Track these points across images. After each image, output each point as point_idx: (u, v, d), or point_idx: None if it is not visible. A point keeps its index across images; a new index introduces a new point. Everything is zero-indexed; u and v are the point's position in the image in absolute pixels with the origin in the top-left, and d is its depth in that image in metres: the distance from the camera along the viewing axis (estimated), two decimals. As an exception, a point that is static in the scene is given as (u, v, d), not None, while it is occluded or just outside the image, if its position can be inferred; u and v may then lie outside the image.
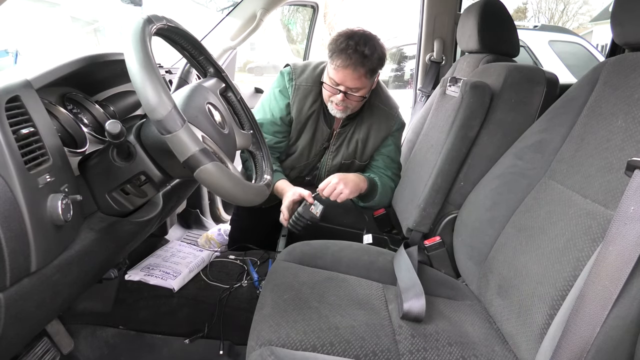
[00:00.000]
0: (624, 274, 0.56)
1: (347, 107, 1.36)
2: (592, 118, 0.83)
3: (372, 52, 1.25)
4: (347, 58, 1.24)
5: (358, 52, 1.24)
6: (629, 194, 0.57)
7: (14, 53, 2.52)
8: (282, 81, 1.44)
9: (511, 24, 1.43)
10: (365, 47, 1.24)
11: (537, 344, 0.71)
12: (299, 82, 1.41)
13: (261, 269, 1.37)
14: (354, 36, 1.26)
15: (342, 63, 1.25)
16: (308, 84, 1.41)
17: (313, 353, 0.75)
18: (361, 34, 1.27)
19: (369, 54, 1.25)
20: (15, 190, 0.56)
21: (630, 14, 0.77)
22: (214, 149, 0.71)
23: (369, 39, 1.27)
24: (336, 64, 1.27)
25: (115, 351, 1.18)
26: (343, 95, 1.31)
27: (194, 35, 0.84)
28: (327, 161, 1.52)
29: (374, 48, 1.26)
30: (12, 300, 0.57)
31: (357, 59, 1.24)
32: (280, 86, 1.43)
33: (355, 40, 1.25)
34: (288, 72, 1.43)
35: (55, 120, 0.76)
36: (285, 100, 1.42)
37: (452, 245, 1.14)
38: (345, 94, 1.31)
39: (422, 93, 2.10)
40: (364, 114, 1.44)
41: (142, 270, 1.28)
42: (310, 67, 1.43)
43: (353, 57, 1.24)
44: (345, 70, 1.26)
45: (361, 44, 1.24)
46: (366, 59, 1.25)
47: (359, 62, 1.25)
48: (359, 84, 1.29)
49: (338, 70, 1.28)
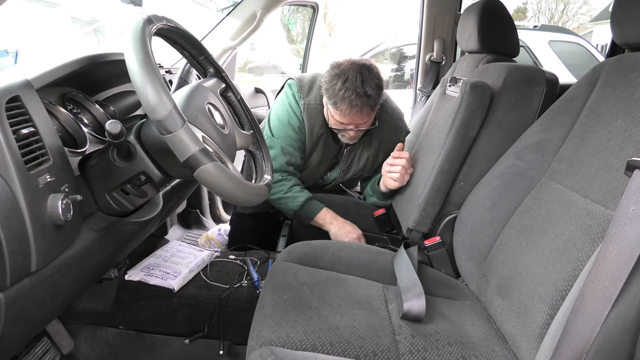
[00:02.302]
0: (623, 273, 0.56)
1: (356, 137, 1.38)
2: (592, 118, 0.83)
3: (372, 87, 1.23)
4: (351, 104, 1.22)
5: (359, 95, 1.21)
6: (628, 194, 0.57)
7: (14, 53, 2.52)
8: (292, 99, 1.40)
9: (511, 24, 1.43)
10: (365, 87, 1.21)
11: (537, 344, 0.71)
12: (307, 101, 1.38)
13: (261, 269, 1.37)
14: (348, 77, 1.22)
15: (347, 110, 1.24)
16: (317, 102, 1.39)
17: (313, 353, 0.75)
18: (354, 70, 1.23)
19: (370, 92, 1.23)
20: (15, 190, 0.56)
21: (630, 14, 0.77)
22: (214, 149, 0.71)
23: (364, 72, 1.23)
24: (341, 110, 1.25)
25: (115, 351, 1.18)
26: (354, 130, 1.32)
27: (194, 35, 0.84)
28: (339, 177, 1.53)
29: (371, 82, 1.23)
30: (12, 300, 0.57)
31: (361, 102, 1.23)
32: (292, 103, 1.40)
33: (352, 81, 1.21)
34: (295, 90, 1.40)
35: (55, 120, 0.76)
36: (299, 118, 1.40)
37: (452, 245, 1.14)
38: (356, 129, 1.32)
39: (422, 93, 2.10)
40: (373, 129, 1.42)
41: (142, 270, 1.28)
42: (317, 86, 1.39)
43: (357, 101, 1.22)
44: (352, 115, 1.26)
45: (359, 84, 1.21)
46: (369, 99, 1.24)
47: (364, 104, 1.23)
48: (367, 118, 1.30)
49: (344, 115, 1.27)
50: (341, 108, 1.25)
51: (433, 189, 1.14)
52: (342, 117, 1.28)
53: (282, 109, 1.41)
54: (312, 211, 1.39)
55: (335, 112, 1.29)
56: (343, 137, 1.39)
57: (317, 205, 1.40)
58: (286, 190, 1.39)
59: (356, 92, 1.21)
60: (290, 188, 1.39)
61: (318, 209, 1.39)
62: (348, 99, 1.22)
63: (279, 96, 1.47)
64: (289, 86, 1.42)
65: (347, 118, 1.28)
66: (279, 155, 1.38)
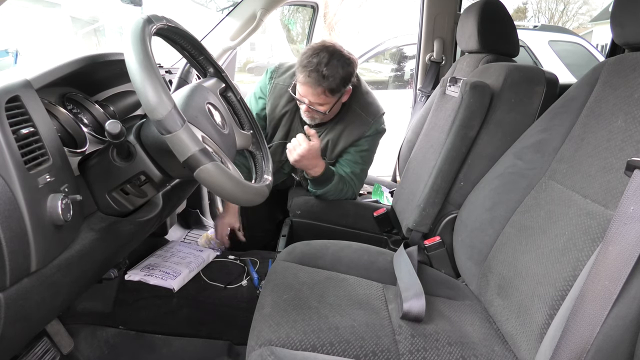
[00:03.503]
0: (623, 273, 0.56)
1: (313, 117, 1.40)
2: (592, 118, 0.83)
3: (332, 72, 1.27)
4: (306, 76, 1.28)
5: (317, 71, 1.26)
6: (628, 194, 0.57)
7: (14, 53, 2.52)
8: (264, 78, 1.50)
9: (511, 23, 1.43)
10: (325, 68, 1.26)
11: (537, 344, 0.71)
12: (277, 81, 1.47)
13: (261, 269, 1.37)
14: (319, 54, 1.28)
15: (302, 79, 1.30)
16: (285, 83, 1.46)
17: (313, 353, 0.75)
18: (328, 52, 1.29)
19: (328, 75, 1.27)
20: (15, 190, 0.56)
21: (630, 14, 0.77)
22: (213, 149, 0.71)
23: (334, 58, 1.28)
24: (298, 79, 1.32)
25: (115, 351, 1.18)
26: (307, 107, 1.36)
27: (194, 35, 0.84)
28: None
29: (335, 69, 1.28)
30: (12, 300, 0.57)
31: (315, 77, 1.27)
32: (261, 83, 1.50)
33: (319, 59, 1.27)
34: (272, 70, 1.49)
35: (55, 120, 0.76)
36: (263, 97, 1.49)
37: (452, 245, 1.14)
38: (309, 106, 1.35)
39: (422, 93, 2.10)
40: (341, 116, 1.46)
41: (142, 270, 1.28)
42: (290, 71, 1.47)
43: (312, 75, 1.27)
44: (304, 86, 1.31)
45: (323, 63, 1.26)
46: (324, 80, 1.27)
47: (317, 82, 1.28)
48: (320, 100, 1.33)
49: (300, 85, 1.33)
50: (299, 77, 1.31)
51: (433, 189, 1.14)
52: (299, 86, 1.34)
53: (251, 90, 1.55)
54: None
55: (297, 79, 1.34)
56: (302, 112, 1.42)
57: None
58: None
59: (316, 68, 1.26)
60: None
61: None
62: (306, 69, 1.27)
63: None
64: (267, 70, 1.51)
65: (302, 89, 1.32)
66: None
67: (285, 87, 1.45)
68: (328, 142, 1.48)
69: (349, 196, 1.53)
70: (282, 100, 1.46)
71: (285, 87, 1.45)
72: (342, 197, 1.51)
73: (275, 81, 1.47)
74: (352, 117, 1.46)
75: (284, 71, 1.48)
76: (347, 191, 1.50)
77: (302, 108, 1.40)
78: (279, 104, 1.47)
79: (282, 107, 1.47)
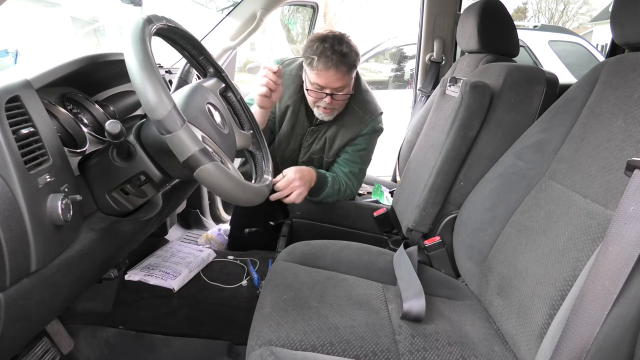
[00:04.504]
0: (623, 273, 0.56)
1: (334, 109, 1.40)
2: (592, 118, 0.83)
3: (349, 49, 1.31)
4: (328, 60, 1.28)
5: (336, 52, 1.28)
6: (628, 194, 0.57)
7: (14, 53, 2.52)
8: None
9: (511, 24, 1.43)
10: (341, 46, 1.30)
11: (537, 344, 0.71)
12: (284, 71, 1.44)
13: (261, 269, 1.37)
14: (326, 38, 1.31)
15: (323, 66, 1.29)
16: (291, 74, 1.46)
17: (313, 353, 0.75)
18: (332, 35, 1.32)
19: (347, 51, 1.30)
20: (15, 190, 0.56)
21: (630, 14, 0.77)
22: (214, 149, 0.71)
23: (342, 38, 1.32)
24: (318, 69, 1.31)
25: (115, 351, 1.18)
26: (330, 97, 1.35)
27: (194, 35, 0.84)
28: (301, 156, 1.55)
29: (349, 45, 1.32)
30: (12, 300, 0.57)
31: (337, 59, 1.29)
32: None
33: (330, 42, 1.30)
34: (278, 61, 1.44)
35: (55, 120, 0.76)
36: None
37: (452, 245, 1.14)
38: (332, 96, 1.35)
39: (422, 93, 2.10)
40: (339, 114, 1.46)
41: (142, 270, 1.28)
42: (297, 62, 1.46)
43: (333, 57, 1.28)
44: (328, 72, 1.30)
45: (336, 44, 1.29)
46: (345, 57, 1.30)
47: (340, 61, 1.29)
48: (343, 82, 1.34)
49: (320, 74, 1.31)
50: (318, 66, 1.30)
51: (433, 189, 1.14)
52: (317, 77, 1.32)
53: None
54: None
55: (311, 73, 1.33)
56: (319, 110, 1.40)
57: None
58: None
59: (333, 49, 1.28)
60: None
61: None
62: (324, 55, 1.28)
63: None
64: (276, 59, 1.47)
65: (323, 77, 1.31)
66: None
67: (292, 77, 1.45)
68: (325, 139, 1.49)
69: (348, 196, 1.53)
70: (288, 92, 1.46)
71: (292, 78, 1.45)
72: (342, 198, 1.51)
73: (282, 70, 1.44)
74: (350, 114, 1.47)
75: (291, 62, 1.47)
76: (345, 191, 1.50)
77: (321, 105, 1.38)
78: (284, 96, 1.46)
79: (287, 98, 1.46)
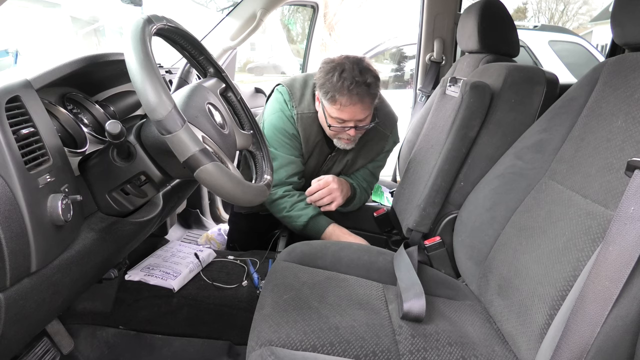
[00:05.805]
0: (624, 274, 0.56)
1: (355, 139, 1.33)
2: (592, 118, 0.83)
3: (371, 77, 1.20)
4: (352, 95, 1.18)
5: (359, 83, 1.17)
6: (629, 194, 0.57)
7: (14, 53, 2.52)
8: (284, 106, 1.34)
9: (511, 24, 1.43)
10: (364, 76, 1.18)
11: (537, 344, 0.71)
12: (300, 110, 1.33)
13: (261, 269, 1.37)
14: (345, 67, 1.19)
15: (347, 101, 1.19)
16: (310, 111, 1.34)
17: (313, 353, 0.75)
18: (350, 62, 1.20)
19: (370, 81, 1.19)
20: (15, 190, 0.56)
21: (630, 14, 0.77)
22: (214, 149, 0.71)
23: (361, 63, 1.21)
24: (341, 104, 1.20)
25: (115, 351, 1.18)
26: (354, 130, 1.27)
27: (194, 35, 0.84)
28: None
29: (370, 71, 1.21)
30: (12, 300, 0.57)
31: (361, 91, 1.18)
32: (284, 111, 1.34)
33: (349, 72, 1.18)
34: (288, 99, 1.34)
35: (55, 120, 0.76)
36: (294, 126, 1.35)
37: (452, 245, 1.14)
38: (356, 128, 1.27)
39: (422, 93, 2.10)
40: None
41: (142, 270, 1.28)
42: (309, 92, 1.35)
43: (357, 91, 1.18)
44: (354, 107, 1.20)
45: (357, 74, 1.18)
46: (370, 87, 1.19)
47: (365, 94, 1.19)
48: (368, 112, 1.25)
49: (344, 109, 1.21)
50: (340, 100, 1.19)
51: (433, 189, 1.14)
52: (340, 112, 1.22)
53: (276, 116, 1.34)
54: (319, 228, 1.33)
55: (332, 108, 1.23)
56: (340, 142, 1.33)
57: (322, 221, 1.33)
58: (289, 208, 1.33)
59: (355, 81, 1.17)
60: (293, 205, 1.33)
61: (324, 225, 1.33)
62: (347, 89, 1.17)
63: (270, 104, 1.40)
64: (280, 93, 1.36)
65: (347, 112, 1.21)
66: (281, 167, 1.34)
67: (313, 114, 1.33)
68: (347, 161, 1.43)
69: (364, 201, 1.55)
70: (313, 131, 1.35)
71: (312, 115, 1.33)
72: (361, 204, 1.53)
73: (299, 111, 1.33)
74: (372, 133, 1.39)
75: (301, 96, 1.34)
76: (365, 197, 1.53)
77: (343, 137, 1.30)
78: (311, 135, 1.35)
79: (314, 137, 1.36)
